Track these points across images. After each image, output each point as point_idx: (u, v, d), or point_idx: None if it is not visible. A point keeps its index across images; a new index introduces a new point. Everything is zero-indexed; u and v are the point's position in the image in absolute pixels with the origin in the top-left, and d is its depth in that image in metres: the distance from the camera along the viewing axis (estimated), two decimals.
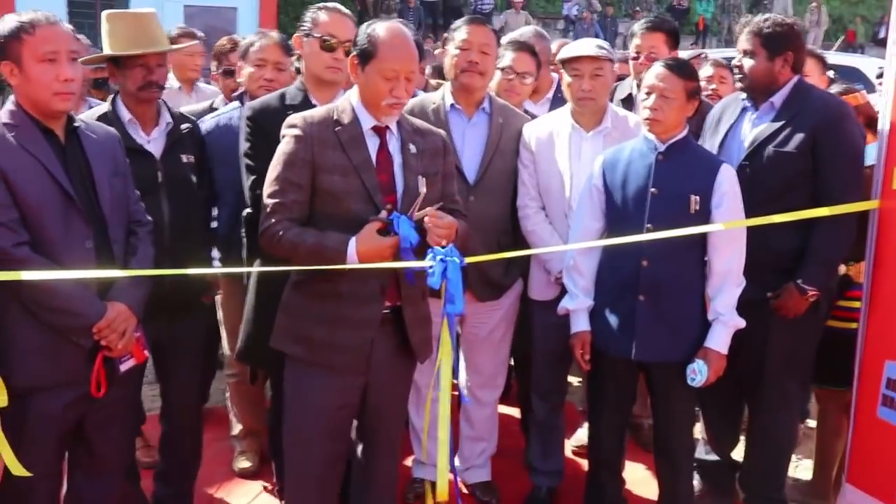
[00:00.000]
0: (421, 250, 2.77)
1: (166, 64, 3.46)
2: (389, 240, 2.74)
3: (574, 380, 4.96)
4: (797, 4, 22.01)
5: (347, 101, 2.93)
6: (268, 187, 2.87)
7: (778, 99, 3.52)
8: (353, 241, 2.74)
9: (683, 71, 3.27)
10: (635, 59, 4.43)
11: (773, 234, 3.37)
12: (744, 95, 3.64)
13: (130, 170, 3.10)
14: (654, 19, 4.63)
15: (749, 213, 3.28)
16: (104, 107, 3.40)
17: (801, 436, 4.28)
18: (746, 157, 3.50)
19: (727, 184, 3.24)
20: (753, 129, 3.54)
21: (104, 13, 3.40)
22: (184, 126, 3.50)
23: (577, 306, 3.41)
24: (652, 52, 4.21)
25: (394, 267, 2.78)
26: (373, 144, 2.90)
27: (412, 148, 2.95)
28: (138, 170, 3.23)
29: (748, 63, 3.52)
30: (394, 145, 2.94)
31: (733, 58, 3.70)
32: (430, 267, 2.74)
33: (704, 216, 3.23)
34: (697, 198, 3.22)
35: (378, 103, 2.83)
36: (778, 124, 3.47)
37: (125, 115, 3.33)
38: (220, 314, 4.22)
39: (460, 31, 3.65)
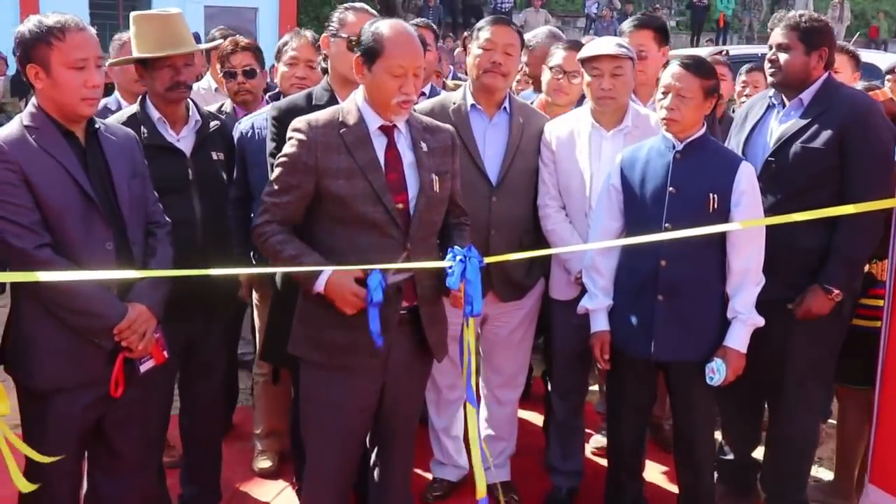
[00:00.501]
0: (389, 311, 2.79)
1: (194, 64, 3.48)
2: (358, 289, 2.73)
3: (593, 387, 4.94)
4: (819, 1, 21.86)
5: (353, 102, 2.91)
6: (269, 185, 2.89)
7: (807, 95, 3.48)
8: (326, 272, 2.75)
9: (700, 69, 3.24)
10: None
11: (800, 233, 3.34)
12: (771, 92, 3.61)
13: (161, 168, 3.15)
14: (640, 17, 4.55)
15: (775, 210, 3.26)
16: (133, 107, 3.43)
17: (823, 436, 4.24)
18: (772, 153, 3.47)
19: (746, 182, 3.22)
20: (780, 125, 3.51)
21: (131, 15, 3.42)
22: (213, 123, 3.52)
23: (597, 306, 3.41)
24: (641, 49, 4.09)
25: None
26: (380, 144, 2.87)
27: (424, 146, 2.94)
28: (169, 168, 3.28)
29: (784, 57, 3.46)
30: (404, 144, 2.92)
31: (755, 55, 3.68)
32: (450, 267, 2.74)
33: (723, 215, 3.21)
34: (716, 196, 3.20)
35: (388, 102, 2.81)
36: (805, 120, 3.43)
37: (154, 114, 3.36)
38: (255, 314, 4.25)
39: (484, 31, 3.61)
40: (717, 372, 3.20)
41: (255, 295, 4.18)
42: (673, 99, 3.22)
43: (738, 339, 3.23)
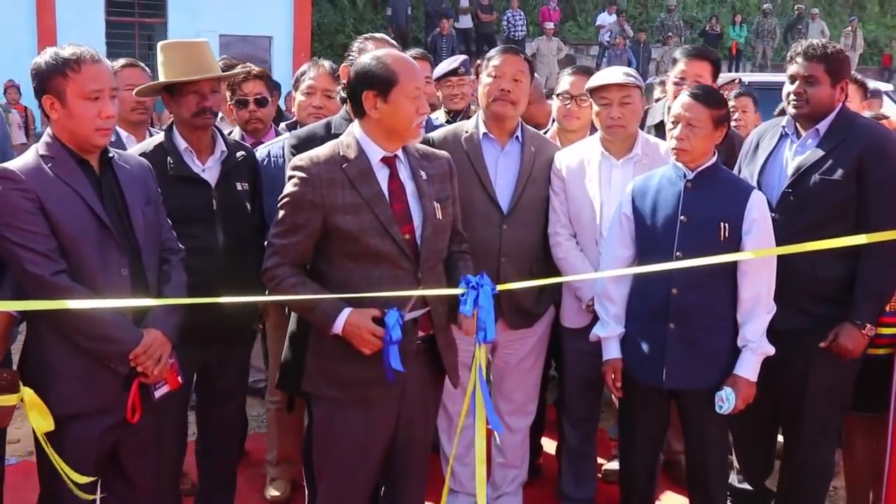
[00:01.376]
0: (407, 343, 2.78)
1: (220, 91, 3.49)
2: (376, 328, 2.73)
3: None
4: (832, 28, 21.89)
5: (352, 136, 2.90)
6: (275, 226, 2.88)
7: (823, 126, 3.46)
8: (345, 313, 2.76)
9: (709, 100, 3.26)
10: (678, 84, 4.39)
11: (819, 264, 3.34)
12: (784, 122, 3.59)
13: (186, 198, 3.19)
14: (698, 47, 4.63)
15: (792, 242, 3.24)
16: (159, 137, 3.45)
17: (839, 465, 4.21)
18: (790, 184, 3.45)
19: (757, 211, 3.23)
20: (796, 156, 3.48)
21: (159, 45, 3.46)
22: (238, 154, 3.53)
23: (609, 334, 3.41)
24: (697, 79, 4.15)
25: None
26: (383, 176, 2.88)
27: (423, 174, 2.95)
28: (194, 198, 3.30)
29: (813, 90, 3.41)
30: (405, 174, 2.93)
31: (769, 83, 3.67)
32: (463, 294, 2.76)
33: (734, 244, 3.21)
34: (727, 225, 3.20)
35: (410, 126, 2.83)
36: (823, 151, 3.40)
37: (181, 143, 3.37)
38: (268, 342, 4.25)
39: (493, 59, 3.65)
40: (725, 401, 3.19)
41: (267, 323, 4.18)
42: (683, 129, 3.23)
43: (747, 367, 3.22)
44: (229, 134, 4.48)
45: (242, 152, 3.57)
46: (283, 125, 4.59)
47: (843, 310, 3.39)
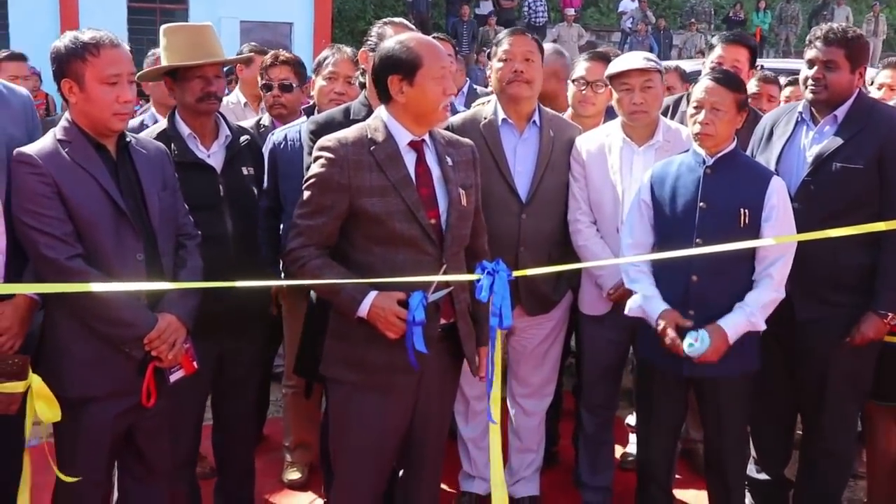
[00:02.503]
0: (429, 329, 2.77)
1: (223, 76, 3.47)
2: (401, 311, 2.72)
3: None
4: (857, 14, 21.65)
5: (379, 120, 2.90)
6: (300, 207, 2.87)
7: (841, 112, 3.41)
8: (371, 296, 2.75)
9: (732, 83, 3.23)
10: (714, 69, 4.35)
11: (841, 252, 3.31)
12: (800, 107, 3.55)
13: (192, 185, 3.17)
14: (736, 33, 4.59)
15: (813, 230, 3.21)
16: (162, 124, 3.42)
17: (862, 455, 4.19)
18: (809, 173, 3.40)
19: (777, 196, 3.19)
20: (814, 144, 3.43)
21: (162, 28, 3.43)
22: (242, 138, 3.51)
23: (648, 291, 3.30)
24: (736, 65, 4.13)
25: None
26: (410, 160, 2.87)
27: (449, 160, 2.94)
28: (200, 184, 3.28)
29: (832, 75, 3.36)
30: (431, 159, 2.93)
31: (793, 70, 3.61)
32: (479, 280, 2.75)
33: (755, 230, 3.18)
34: (747, 211, 3.17)
35: (436, 108, 2.82)
36: (842, 139, 3.35)
37: (184, 129, 3.34)
38: (283, 326, 4.26)
39: (502, 44, 3.63)
40: (699, 341, 3.11)
41: (282, 307, 4.20)
42: (707, 114, 3.20)
43: (733, 326, 3.15)
44: (259, 119, 4.53)
45: (246, 137, 3.55)
46: (303, 109, 4.58)
47: (865, 299, 3.36)
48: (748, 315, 3.17)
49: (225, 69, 3.95)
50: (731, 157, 3.28)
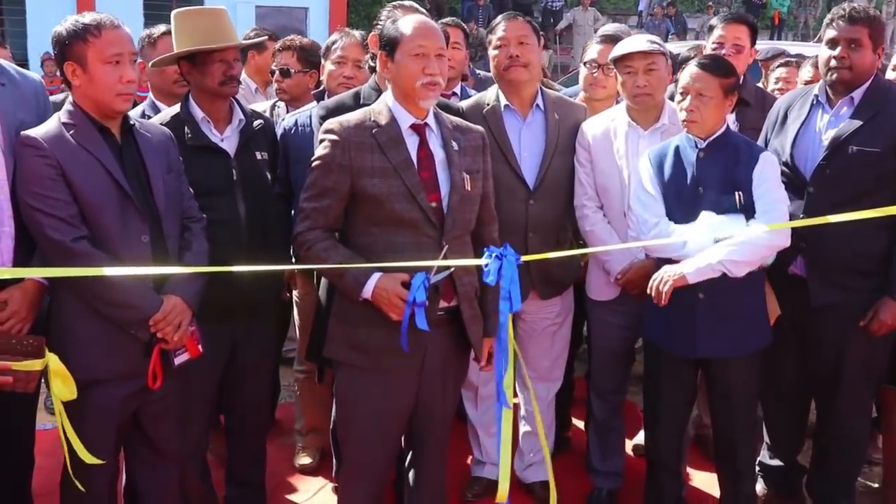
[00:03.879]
0: (429, 312, 2.75)
1: (240, 60, 3.46)
2: (404, 292, 2.72)
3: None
4: None
5: (383, 103, 2.92)
6: (306, 190, 2.89)
7: (857, 94, 3.36)
8: (374, 277, 2.75)
9: (718, 69, 3.20)
10: (717, 50, 4.31)
11: (857, 238, 3.27)
12: (815, 90, 3.49)
13: (205, 169, 3.19)
14: (734, 12, 4.55)
15: (828, 215, 3.17)
16: (175, 108, 3.40)
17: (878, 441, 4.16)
18: (825, 156, 3.35)
19: (760, 169, 3.16)
20: (830, 127, 3.39)
21: (174, 12, 3.41)
22: (256, 123, 3.49)
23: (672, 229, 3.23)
24: (737, 41, 4.10)
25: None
26: (412, 143, 2.88)
27: (454, 145, 2.94)
28: (213, 168, 3.27)
29: (856, 55, 3.30)
30: (435, 142, 2.93)
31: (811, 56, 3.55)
32: (486, 264, 2.73)
33: (751, 209, 3.15)
34: (740, 193, 3.15)
35: (413, 86, 2.81)
36: (860, 122, 3.31)
37: (198, 113, 3.32)
38: (295, 312, 4.27)
39: (497, 30, 3.62)
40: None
41: (295, 293, 4.20)
42: (693, 100, 3.18)
43: (691, 263, 3.09)
44: (274, 103, 4.52)
45: (260, 121, 3.53)
46: (313, 93, 4.57)
47: (881, 284, 3.33)
48: (709, 257, 3.08)
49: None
50: (724, 138, 3.25)
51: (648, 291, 3.14)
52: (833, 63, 3.36)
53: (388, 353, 2.85)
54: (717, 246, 3.09)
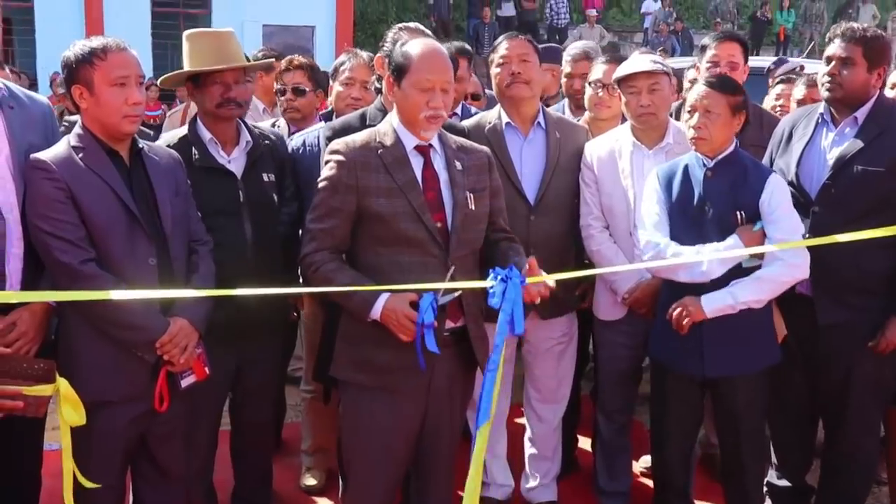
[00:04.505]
0: (438, 330, 2.75)
1: (244, 82, 3.45)
2: (412, 313, 2.71)
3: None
4: (884, 12, 21.40)
5: (389, 124, 2.94)
6: (311, 211, 2.90)
7: (861, 114, 3.37)
8: (382, 298, 2.74)
9: (726, 87, 3.22)
10: (711, 69, 4.34)
11: (863, 256, 3.27)
12: (821, 109, 3.50)
13: (212, 190, 3.21)
14: (726, 31, 4.58)
15: (834, 234, 3.17)
16: (183, 129, 3.43)
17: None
18: (830, 176, 3.35)
19: (773, 194, 3.16)
20: (835, 146, 3.39)
21: (185, 33, 3.45)
22: (264, 144, 3.51)
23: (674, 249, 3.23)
24: (731, 59, 4.13)
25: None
26: (417, 164, 2.89)
27: (458, 165, 2.95)
28: (220, 190, 3.29)
29: (847, 73, 3.33)
30: (439, 163, 2.94)
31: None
32: (492, 287, 2.73)
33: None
34: (742, 214, 3.17)
35: (416, 117, 2.83)
36: (863, 141, 3.31)
37: (205, 134, 3.35)
38: (302, 331, 4.26)
39: (499, 49, 3.66)
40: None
41: (302, 313, 4.19)
42: (700, 118, 3.20)
43: (713, 301, 3.14)
44: (275, 121, 4.52)
45: (268, 142, 3.54)
46: (320, 114, 4.58)
47: (888, 303, 3.33)
48: (734, 295, 3.13)
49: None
50: (731, 158, 3.26)
51: (667, 318, 3.15)
52: (825, 80, 3.39)
53: (395, 372, 2.85)
54: (737, 284, 3.12)
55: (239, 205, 3.34)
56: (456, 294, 2.81)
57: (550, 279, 3.08)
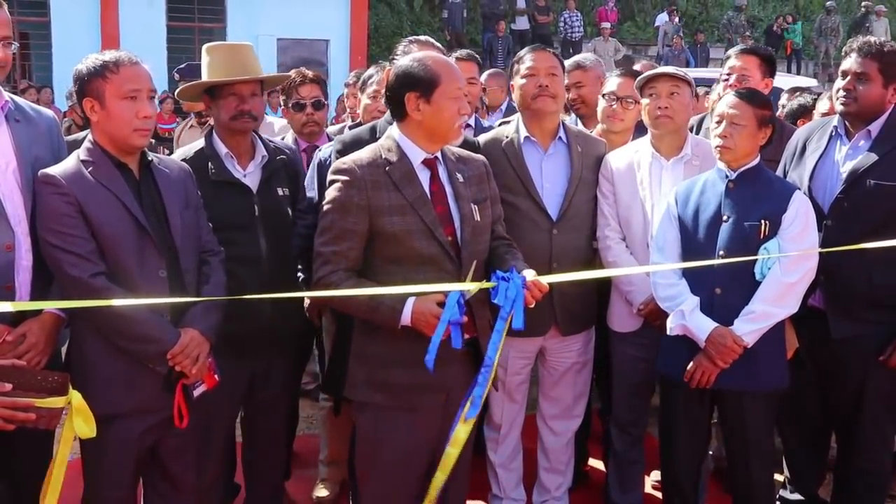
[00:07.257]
0: (468, 327, 2.76)
1: (261, 95, 3.46)
2: (439, 310, 2.70)
3: None
4: (895, 27, 21.34)
5: (391, 139, 2.90)
6: (321, 234, 2.85)
7: (875, 127, 3.36)
8: (410, 302, 2.73)
9: (754, 99, 3.23)
10: (726, 80, 4.34)
11: (876, 270, 3.26)
12: (835, 122, 3.50)
13: (228, 204, 3.22)
14: (750, 45, 4.58)
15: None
16: (200, 142, 3.43)
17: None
18: (843, 190, 3.35)
19: (794, 210, 3.16)
20: (848, 160, 3.39)
21: (205, 46, 3.47)
22: (279, 158, 3.51)
23: (690, 305, 3.24)
24: (743, 73, 4.15)
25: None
26: (424, 178, 2.88)
27: (459, 177, 2.94)
28: (235, 204, 3.30)
29: (862, 87, 3.33)
30: (444, 176, 2.93)
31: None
32: (494, 286, 2.74)
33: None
34: (767, 223, 3.15)
35: (451, 127, 2.83)
36: (877, 155, 3.31)
37: (221, 148, 3.36)
38: (324, 339, 4.24)
39: (525, 60, 3.63)
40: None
41: (325, 320, 4.15)
42: (727, 127, 3.20)
43: (745, 328, 3.15)
44: (283, 138, 4.51)
45: (283, 156, 3.54)
46: (332, 128, 4.59)
47: None
48: (755, 321, 3.14)
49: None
50: (755, 171, 3.26)
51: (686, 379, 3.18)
52: (840, 94, 3.39)
53: (414, 390, 2.84)
54: (760, 306, 3.13)
55: (254, 219, 3.34)
56: (479, 288, 2.79)
57: (561, 279, 3.08)
